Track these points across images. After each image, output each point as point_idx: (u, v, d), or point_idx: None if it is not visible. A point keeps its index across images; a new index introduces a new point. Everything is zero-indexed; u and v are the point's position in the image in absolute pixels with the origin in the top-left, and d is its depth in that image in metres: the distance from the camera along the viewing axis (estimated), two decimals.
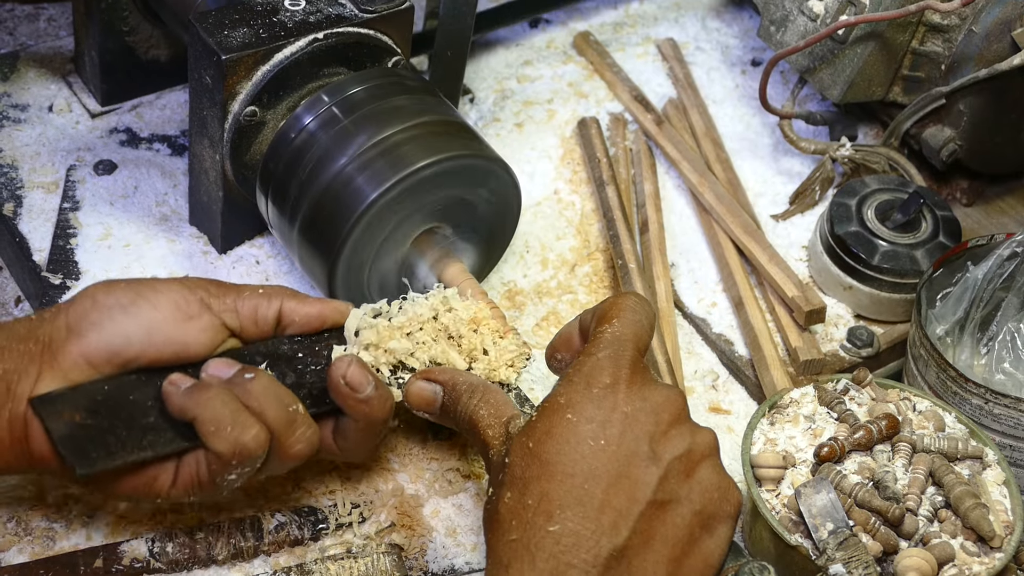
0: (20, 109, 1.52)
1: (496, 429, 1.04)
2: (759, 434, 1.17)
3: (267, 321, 1.13)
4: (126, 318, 1.06)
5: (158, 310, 1.07)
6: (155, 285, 1.09)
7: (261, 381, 1.05)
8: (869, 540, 1.08)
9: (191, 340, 1.08)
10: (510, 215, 1.33)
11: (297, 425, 1.06)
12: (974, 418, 1.22)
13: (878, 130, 1.61)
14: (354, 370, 1.07)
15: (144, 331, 1.06)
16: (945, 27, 1.44)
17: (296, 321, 1.14)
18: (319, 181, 1.23)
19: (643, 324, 1.04)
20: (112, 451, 1.02)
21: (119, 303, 1.06)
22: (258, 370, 1.06)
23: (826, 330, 1.39)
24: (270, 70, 1.26)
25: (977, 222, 1.53)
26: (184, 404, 1.03)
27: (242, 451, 1.03)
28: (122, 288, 1.07)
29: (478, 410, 1.06)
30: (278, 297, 1.14)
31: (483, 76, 1.66)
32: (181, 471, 1.06)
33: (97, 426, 1.03)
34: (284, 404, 1.05)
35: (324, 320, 1.15)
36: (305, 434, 1.06)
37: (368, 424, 1.10)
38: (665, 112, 1.62)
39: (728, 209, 1.45)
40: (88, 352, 1.05)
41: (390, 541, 1.16)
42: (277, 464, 1.07)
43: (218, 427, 1.02)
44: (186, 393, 1.03)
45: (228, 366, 1.06)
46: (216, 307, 1.10)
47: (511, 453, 0.99)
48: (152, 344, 1.06)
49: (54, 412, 1.02)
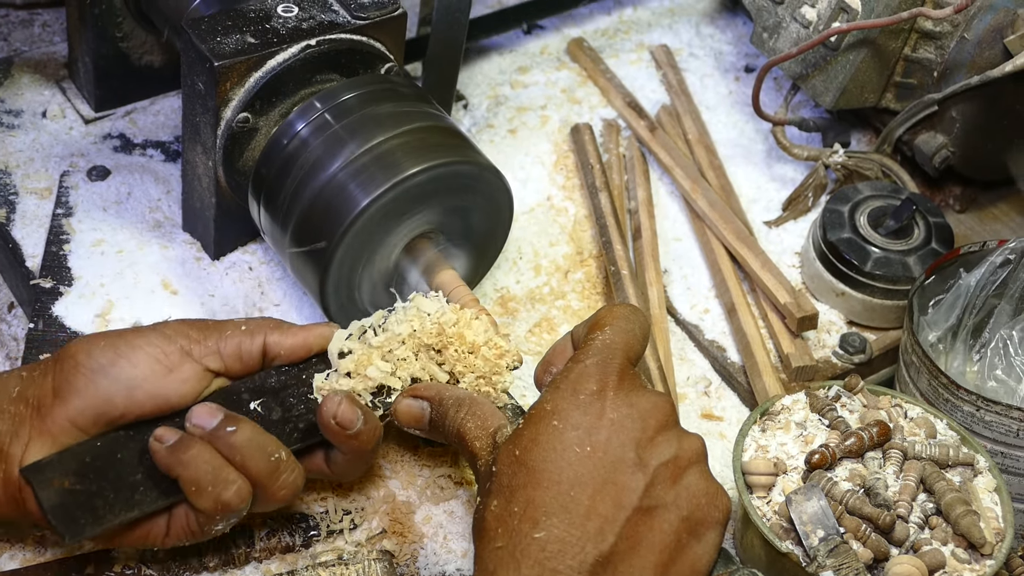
0: (13, 115, 1.52)
1: (483, 440, 1.04)
2: (750, 441, 1.17)
3: (252, 357, 1.13)
4: (106, 380, 1.06)
5: (137, 368, 1.07)
6: (133, 340, 1.09)
7: (243, 433, 1.05)
8: (860, 547, 1.08)
9: (172, 392, 1.08)
10: (502, 221, 1.33)
11: (280, 472, 1.07)
12: (966, 425, 1.22)
13: (871, 136, 1.62)
14: (344, 409, 1.08)
15: (125, 391, 1.07)
16: (937, 34, 1.44)
17: (281, 354, 1.14)
18: (311, 187, 1.23)
19: (635, 333, 1.04)
20: (100, 515, 1.03)
21: (99, 365, 1.06)
22: (241, 420, 1.06)
23: (818, 336, 1.39)
24: (263, 76, 1.26)
25: (970, 228, 1.53)
26: (168, 463, 1.04)
27: (224, 507, 1.04)
28: (101, 348, 1.08)
29: (465, 423, 1.06)
30: (261, 332, 1.14)
31: (477, 82, 1.66)
32: (173, 523, 1.07)
33: (86, 490, 1.04)
34: (267, 454, 1.06)
35: (309, 348, 1.15)
36: (289, 479, 1.07)
37: (358, 455, 1.12)
38: (658, 118, 1.62)
39: (721, 215, 1.46)
40: (73, 417, 1.06)
41: (381, 547, 1.16)
42: (263, 507, 1.09)
43: (199, 487, 1.03)
44: (169, 451, 1.04)
45: (211, 415, 1.05)
46: (197, 353, 1.11)
47: (498, 462, 0.99)
48: (134, 402, 1.07)
49: (44, 481, 1.03)
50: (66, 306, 1.32)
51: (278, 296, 1.36)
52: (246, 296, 1.36)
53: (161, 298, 1.34)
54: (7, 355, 1.35)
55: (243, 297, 1.36)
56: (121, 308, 1.32)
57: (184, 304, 1.34)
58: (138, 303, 1.33)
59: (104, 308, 1.32)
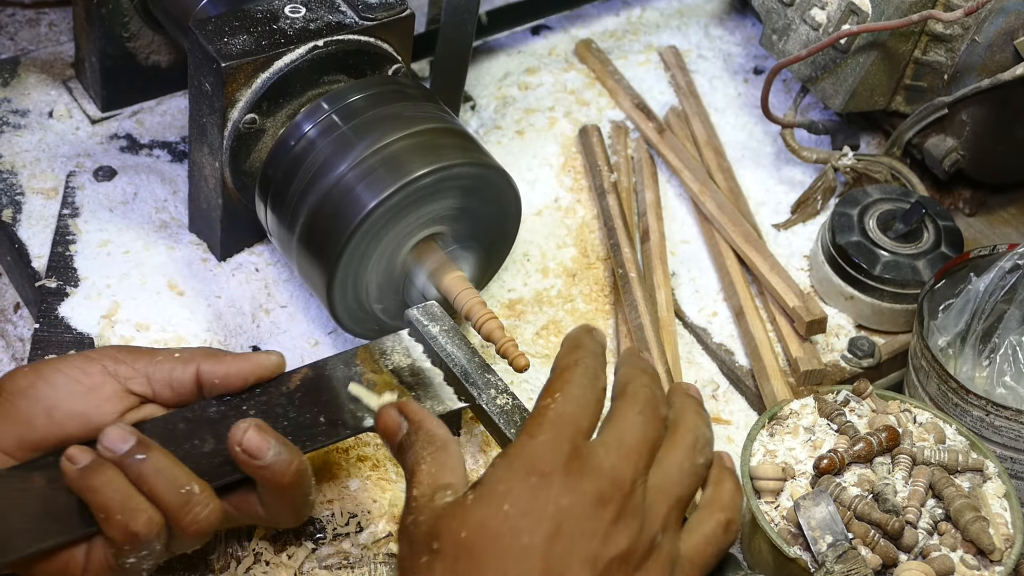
0: (20, 115, 1.52)
1: (422, 490, 0.96)
2: (758, 445, 1.17)
3: (184, 385, 1.10)
4: (25, 401, 1.04)
5: (55, 388, 1.05)
6: (54, 364, 1.07)
7: (152, 462, 1.01)
8: (868, 553, 1.07)
9: (92, 411, 1.06)
10: (510, 223, 1.33)
11: (191, 506, 1.02)
12: (975, 430, 1.21)
13: (880, 139, 1.61)
14: (250, 436, 1.03)
15: (44, 411, 1.04)
16: (948, 37, 1.44)
17: (217, 384, 1.10)
18: (318, 189, 1.22)
19: (589, 400, 0.94)
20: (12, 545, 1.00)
21: (19, 388, 1.05)
22: (152, 448, 1.02)
23: (827, 340, 1.38)
24: (270, 77, 1.25)
25: (980, 232, 1.53)
26: (78, 487, 1.01)
27: (133, 538, 1.00)
28: (24, 373, 1.06)
29: (420, 463, 0.99)
30: (194, 360, 1.10)
31: (484, 83, 1.66)
32: (92, 554, 1.03)
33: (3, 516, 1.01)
34: (177, 486, 1.01)
35: (246, 378, 1.11)
36: (200, 514, 1.02)
37: (275, 490, 1.06)
38: (667, 120, 1.62)
39: (729, 218, 1.45)
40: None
41: (387, 551, 1.16)
42: (180, 544, 1.05)
43: (108, 514, 1.00)
44: (80, 474, 1.00)
45: (122, 439, 1.02)
46: (123, 373, 1.08)
47: (441, 539, 0.91)
48: (55, 422, 1.04)
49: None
50: (72, 307, 1.32)
51: (284, 298, 1.36)
52: (252, 297, 1.36)
53: (167, 299, 1.34)
54: (13, 356, 1.34)
55: (249, 298, 1.36)
56: (127, 309, 1.32)
57: (190, 305, 1.33)
58: (144, 304, 1.33)
59: (110, 309, 1.31)
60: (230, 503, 1.06)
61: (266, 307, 1.35)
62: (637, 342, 1.33)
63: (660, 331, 1.34)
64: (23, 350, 1.34)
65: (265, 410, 1.11)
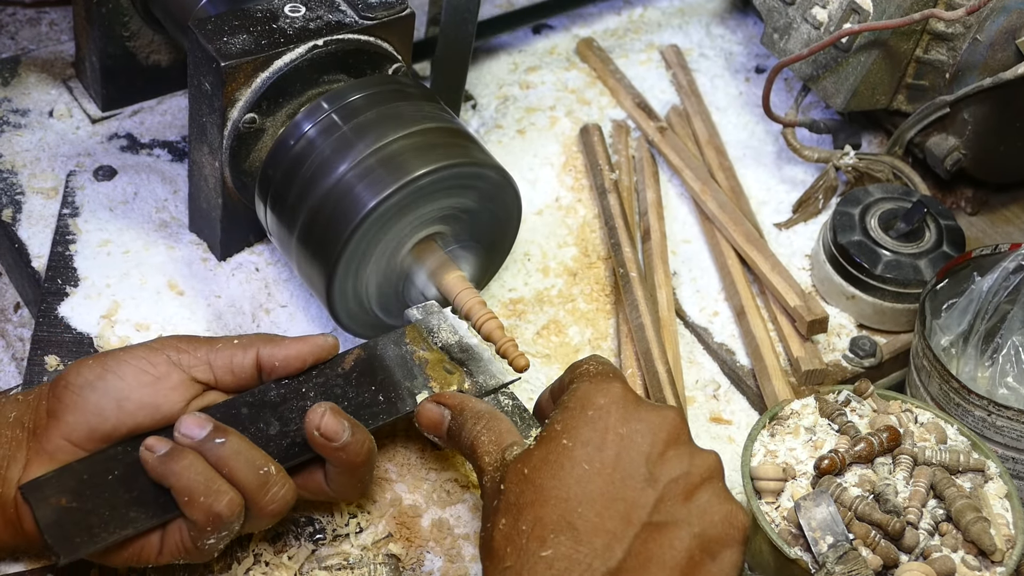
0: (20, 114, 1.52)
1: (493, 455, 1.03)
2: (759, 446, 1.17)
3: (244, 370, 1.12)
4: (96, 395, 1.06)
5: (124, 379, 1.07)
6: (119, 355, 1.09)
7: (231, 445, 1.04)
8: (869, 554, 1.07)
9: (161, 401, 1.08)
10: (511, 223, 1.32)
11: (270, 487, 1.05)
12: (977, 430, 1.21)
13: (882, 138, 1.61)
14: (327, 420, 1.07)
15: (114, 403, 1.06)
16: (949, 35, 1.43)
17: (276, 366, 1.13)
18: (318, 188, 1.22)
19: (615, 368, 1.05)
20: (95, 534, 1.02)
21: (87, 380, 1.06)
22: (229, 432, 1.05)
23: (828, 340, 1.38)
24: (269, 77, 1.25)
25: (982, 231, 1.53)
26: (159, 472, 1.03)
27: (216, 519, 1.03)
28: (89, 365, 1.08)
29: (480, 436, 1.05)
30: (253, 345, 1.13)
31: (485, 82, 1.66)
32: (167, 539, 1.06)
33: (81, 508, 1.03)
34: (255, 467, 1.05)
35: (304, 360, 1.14)
36: (278, 494, 1.06)
37: (348, 469, 1.10)
38: (668, 119, 1.61)
39: (731, 217, 1.45)
40: (67, 434, 1.05)
41: (387, 552, 1.16)
42: (256, 523, 1.08)
43: (191, 497, 1.03)
44: (160, 461, 1.03)
45: (199, 425, 1.05)
46: (186, 362, 1.10)
47: (506, 480, 0.98)
48: (125, 413, 1.07)
49: (41, 499, 1.03)
50: (72, 307, 1.31)
51: (284, 297, 1.36)
52: (252, 297, 1.36)
53: (167, 299, 1.34)
54: (13, 355, 1.34)
55: (249, 298, 1.35)
56: (127, 309, 1.32)
57: (190, 305, 1.33)
58: (144, 304, 1.33)
59: (110, 309, 1.31)
60: (297, 482, 1.09)
61: (266, 307, 1.35)
62: (638, 342, 1.33)
63: (661, 331, 1.34)
64: (23, 350, 1.34)
65: (324, 391, 1.13)
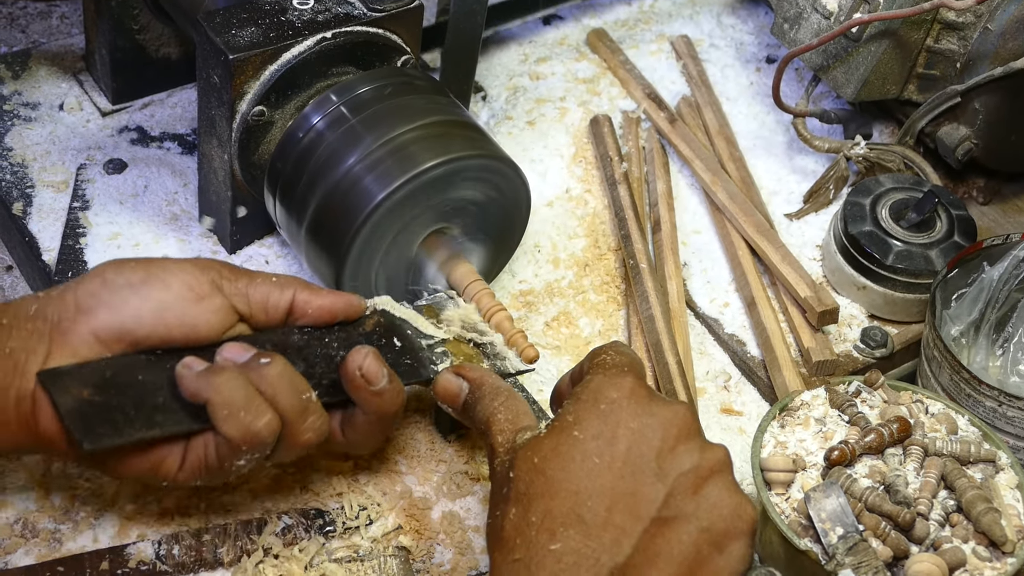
0: (31, 107, 1.52)
1: (506, 436, 1.03)
2: (769, 437, 1.16)
3: (278, 310, 1.12)
4: (136, 297, 1.05)
5: (169, 290, 1.06)
6: (166, 265, 1.08)
7: (276, 367, 1.04)
8: (879, 545, 1.07)
9: (201, 322, 1.07)
10: (520, 215, 1.32)
11: (309, 413, 1.05)
12: (988, 421, 1.21)
13: (893, 128, 1.60)
14: (370, 362, 1.07)
15: (155, 311, 1.05)
16: (960, 25, 1.43)
17: (309, 313, 1.13)
18: (327, 181, 1.22)
19: (634, 357, 1.04)
20: (119, 428, 1.01)
21: (129, 282, 1.05)
22: (274, 355, 1.05)
23: (839, 330, 1.38)
24: (278, 69, 1.25)
25: (993, 221, 1.52)
26: (198, 386, 1.02)
27: (254, 437, 1.02)
28: (132, 267, 1.06)
29: (495, 414, 1.05)
30: (291, 287, 1.13)
31: (495, 73, 1.65)
32: (189, 455, 1.05)
33: (105, 403, 1.01)
34: (298, 391, 1.04)
35: (335, 314, 1.14)
36: (316, 423, 1.06)
37: (379, 417, 1.10)
38: (678, 110, 1.61)
39: (741, 208, 1.45)
40: (98, 330, 1.04)
41: (397, 544, 1.16)
42: (286, 452, 1.07)
43: (231, 411, 1.01)
44: (200, 376, 1.02)
45: (244, 350, 1.05)
46: (228, 289, 1.09)
47: (516, 467, 0.98)
48: (163, 323, 1.05)
49: (62, 387, 1.01)
50: None
51: None
52: None
53: None
54: None
55: None
56: None
57: None
58: None
59: None
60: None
61: None
62: (648, 333, 1.33)
63: (671, 322, 1.34)
64: None
65: (348, 345, 1.13)
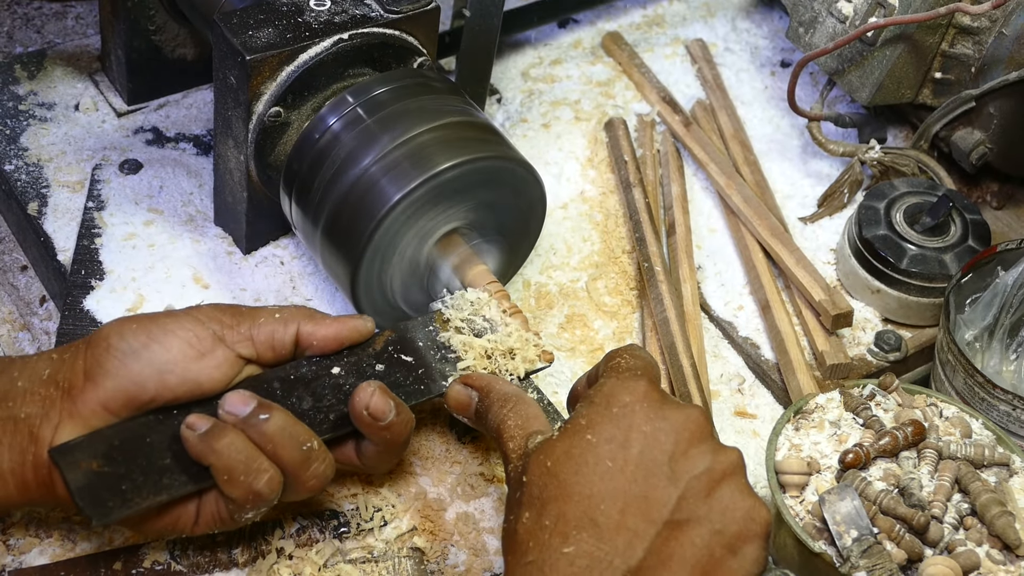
0: (46, 108, 1.52)
1: (517, 441, 1.03)
2: (784, 440, 1.16)
3: (284, 346, 1.13)
4: (138, 363, 1.06)
5: (170, 352, 1.06)
6: (166, 324, 1.08)
7: (276, 421, 1.05)
8: (894, 548, 1.07)
9: (204, 378, 1.08)
10: (535, 217, 1.32)
11: (311, 462, 1.06)
12: (1002, 424, 1.21)
13: (907, 132, 1.60)
14: (376, 400, 1.08)
15: (157, 374, 1.06)
16: (975, 29, 1.43)
17: (315, 344, 1.13)
18: (343, 182, 1.22)
19: (649, 360, 1.04)
20: (128, 498, 1.02)
21: (131, 348, 1.06)
22: (274, 408, 1.06)
23: (853, 334, 1.38)
24: (295, 71, 1.25)
25: (1008, 225, 1.52)
26: (200, 451, 1.03)
27: (256, 496, 1.04)
28: (133, 331, 1.07)
29: (506, 420, 1.06)
30: (294, 321, 1.13)
31: (511, 76, 1.66)
32: (203, 509, 1.07)
33: (114, 473, 1.03)
34: (299, 443, 1.06)
35: (341, 342, 1.15)
36: (319, 469, 1.07)
37: (388, 447, 1.11)
38: (693, 113, 1.61)
39: (756, 211, 1.45)
40: (104, 400, 1.05)
41: (412, 545, 1.16)
42: (294, 496, 1.08)
43: (231, 476, 1.03)
44: (202, 439, 1.03)
45: (244, 402, 1.05)
46: (230, 339, 1.10)
47: (529, 471, 0.98)
48: (166, 386, 1.06)
49: (72, 462, 1.02)
50: (97, 300, 1.32)
51: (309, 291, 1.36)
52: (277, 291, 1.36)
53: (192, 292, 1.34)
54: (38, 348, 1.35)
55: (274, 292, 1.36)
56: (152, 302, 1.32)
57: (215, 298, 1.34)
58: (169, 297, 1.33)
59: (135, 302, 1.32)
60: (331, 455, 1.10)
61: (291, 300, 1.35)
62: (663, 336, 1.33)
63: (686, 325, 1.34)
64: (49, 343, 1.35)
65: (356, 370, 1.14)
